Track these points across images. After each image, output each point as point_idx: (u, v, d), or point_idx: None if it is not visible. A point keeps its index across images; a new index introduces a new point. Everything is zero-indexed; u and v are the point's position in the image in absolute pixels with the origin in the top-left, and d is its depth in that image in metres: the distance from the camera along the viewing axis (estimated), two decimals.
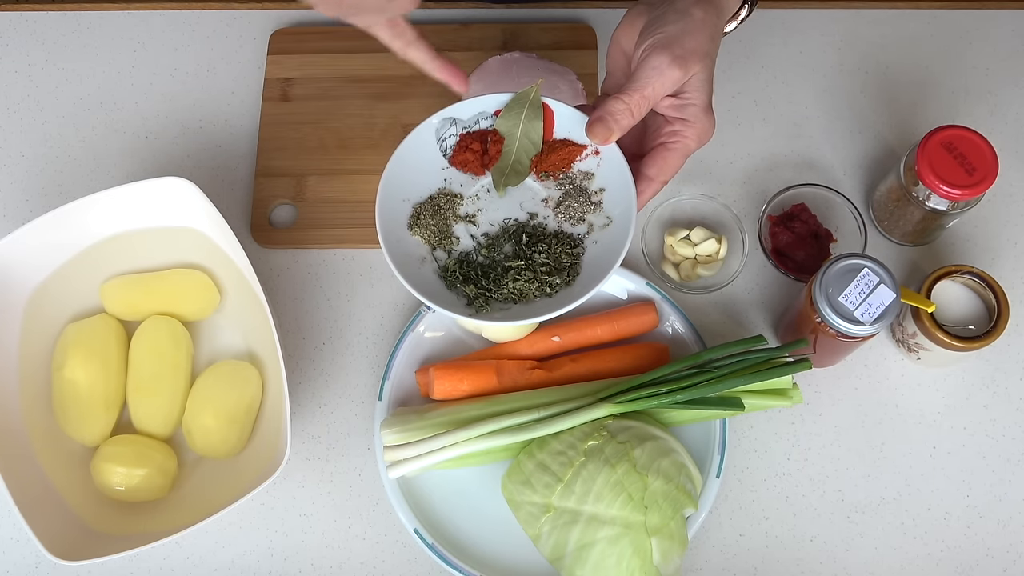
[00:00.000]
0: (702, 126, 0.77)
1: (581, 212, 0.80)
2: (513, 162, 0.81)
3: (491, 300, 0.78)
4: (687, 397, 0.83)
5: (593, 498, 0.79)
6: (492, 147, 0.81)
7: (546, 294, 0.78)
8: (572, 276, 0.78)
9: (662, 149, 0.77)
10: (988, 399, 0.92)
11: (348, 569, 0.88)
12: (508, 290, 0.78)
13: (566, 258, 0.78)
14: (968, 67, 1.03)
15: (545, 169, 0.81)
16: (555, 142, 0.81)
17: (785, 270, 0.94)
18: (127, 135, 1.02)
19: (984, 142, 0.85)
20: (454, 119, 0.81)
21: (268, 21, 1.06)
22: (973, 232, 0.97)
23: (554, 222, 0.80)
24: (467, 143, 0.81)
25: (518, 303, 0.78)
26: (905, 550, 0.88)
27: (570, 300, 0.75)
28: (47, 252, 0.89)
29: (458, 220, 0.81)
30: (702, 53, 0.74)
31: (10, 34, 1.06)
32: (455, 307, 0.77)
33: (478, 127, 0.82)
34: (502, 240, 0.80)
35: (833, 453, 0.90)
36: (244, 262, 0.86)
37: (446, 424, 0.84)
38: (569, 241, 0.79)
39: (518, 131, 0.81)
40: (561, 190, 0.81)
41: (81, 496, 0.86)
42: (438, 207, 0.81)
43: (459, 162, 0.81)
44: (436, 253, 0.80)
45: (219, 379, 0.89)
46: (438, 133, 0.81)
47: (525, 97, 0.80)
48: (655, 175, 0.77)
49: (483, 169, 0.81)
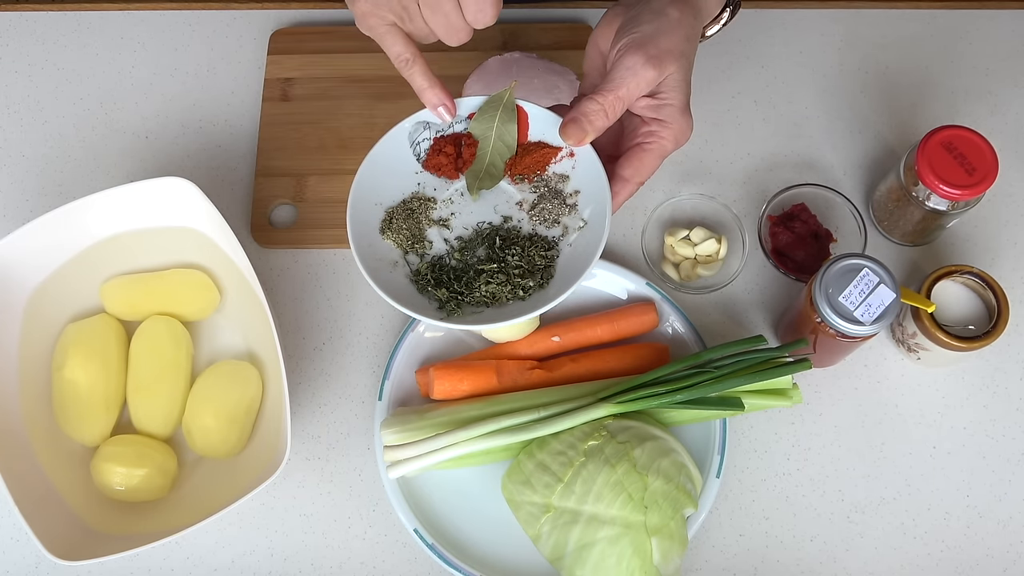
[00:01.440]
0: (679, 127, 0.76)
1: (556, 215, 0.79)
2: (487, 165, 0.80)
3: (463, 304, 0.77)
4: (687, 397, 0.83)
5: (593, 498, 0.79)
6: (466, 150, 0.80)
7: (519, 297, 0.77)
8: (546, 279, 0.78)
9: (638, 150, 0.77)
10: (988, 399, 0.92)
11: (348, 569, 0.88)
12: (480, 293, 0.77)
13: (540, 260, 0.78)
14: (968, 67, 1.03)
15: (520, 172, 0.80)
16: (530, 145, 0.81)
17: (785, 270, 0.94)
18: (127, 135, 1.02)
19: (984, 142, 0.85)
20: (427, 123, 0.81)
21: (268, 21, 1.06)
22: (973, 232, 0.97)
23: (528, 225, 0.80)
24: (441, 146, 0.81)
25: (491, 306, 0.77)
26: (905, 550, 0.88)
27: (544, 303, 0.75)
28: (47, 252, 0.89)
29: (431, 224, 0.80)
30: (677, 53, 0.73)
31: (10, 34, 1.06)
32: (426, 311, 0.76)
33: (452, 130, 0.81)
34: (475, 244, 0.80)
35: (833, 453, 0.90)
36: (244, 262, 0.86)
37: (446, 424, 0.84)
38: (543, 244, 0.79)
39: (492, 134, 0.80)
40: (536, 193, 0.80)
41: (81, 496, 0.86)
42: (411, 211, 0.80)
43: (432, 166, 0.81)
44: (408, 257, 0.79)
45: (219, 379, 0.89)
46: (411, 137, 0.81)
47: (499, 100, 0.79)
48: (630, 176, 0.77)
49: (457, 173, 0.81)
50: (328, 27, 1.04)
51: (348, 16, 1.06)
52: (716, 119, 1.01)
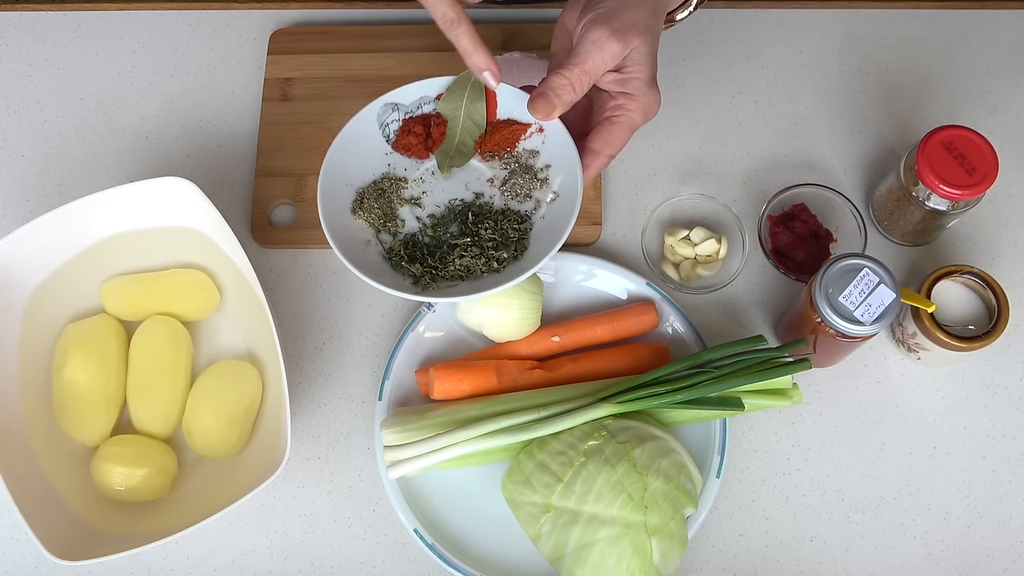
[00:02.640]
0: (647, 100, 0.77)
1: (527, 189, 0.81)
2: (457, 144, 0.82)
3: (437, 278, 0.79)
4: (687, 397, 0.83)
5: (593, 498, 0.79)
6: (435, 130, 0.82)
7: (494, 269, 0.79)
8: (520, 251, 0.79)
9: (607, 123, 0.78)
10: (988, 399, 0.92)
11: (348, 569, 0.88)
12: (455, 267, 0.79)
13: (513, 233, 0.79)
14: (968, 67, 1.03)
15: (490, 149, 0.82)
16: (499, 122, 0.82)
17: (785, 270, 0.93)
18: (127, 135, 1.02)
19: (984, 142, 0.85)
20: (396, 104, 0.83)
21: (268, 21, 1.06)
22: (973, 232, 0.97)
23: (500, 200, 0.81)
24: (410, 127, 0.83)
25: (465, 279, 0.79)
26: (905, 550, 0.88)
27: (518, 273, 0.76)
28: (47, 252, 0.89)
29: (403, 203, 0.82)
30: (642, 27, 0.74)
31: (10, 34, 1.06)
32: (401, 287, 0.78)
33: (420, 112, 0.83)
34: (448, 220, 0.81)
35: (833, 453, 0.90)
36: (244, 262, 0.86)
37: (446, 424, 0.84)
38: (516, 217, 0.80)
39: (461, 113, 0.82)
40: (507, 169, 0.82)
41: (81, 496, 0.86)
42: (382, 191, 0.82)
43: (402, 146, 0.83)
44: (381, 236, 0.81)
45: (219, 379, 0.89)
46: (380, 119, 0.83)
47: (467, 79, 0.81)
48: (600, 148, 0.78)
49: (427, 152, 0.83)
50: (328, 27, 1.04)
51: (348, 16, 1.06)
52: (716, 119, 1.01)
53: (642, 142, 1.00)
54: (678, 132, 1.01)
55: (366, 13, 1.06)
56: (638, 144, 1.00)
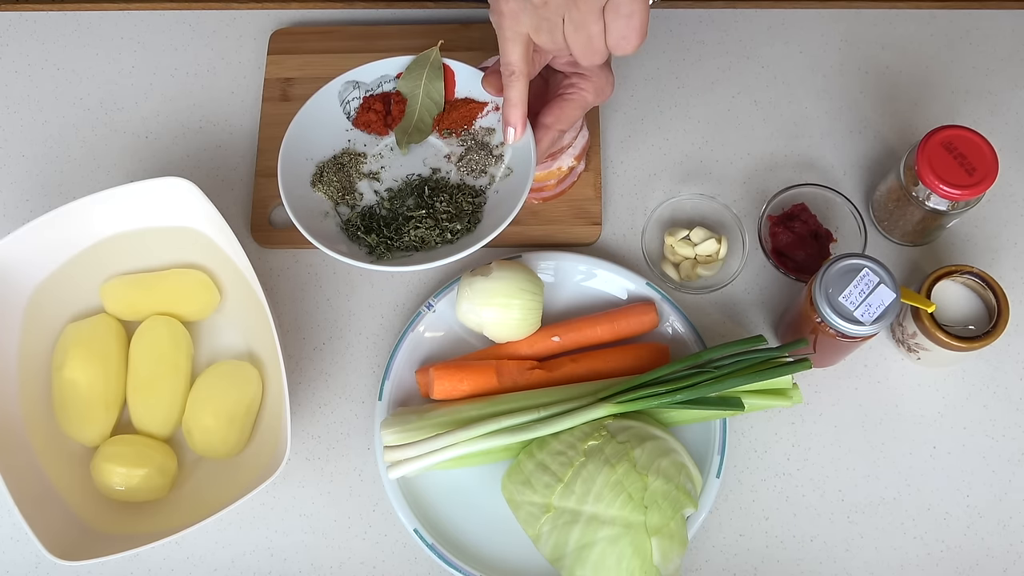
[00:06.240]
0: (600, 81, 0.81)
1: (483, 165, 0.84)
2: (416, 121, 0.85)
3: (392, 248, 0.82)
4: (687, 397, 0.83)
5: (593, 498, 0.79)
6: (395, 107, 0.86)
7: (448, 240, 0.82)
8: (473, 223, 0.82)
9: (559, 99, 0.82)
10: (988, 399, 0.92)
11: (348, 569, 0.88)
12: (410, 238, 0.82)
13: (467, 206, 0.83)
14: (968, 67, 1.03)
15: (447, 127, 0.86)
16: (457, 101, 0.86)
17: (785, 270, 0.94)
18: (127, 135, 1.02)
19: (984, 142, 0.85)
20: (357, 82, 0.86)
21: (268, 21, 1.06)
22: (973, 232, 0.97)
23: (456, 176, 0.85)
24: (370, 104, 0.86)
25: (420, 250, 0.82)
26: (905, 550, 0.88)
27: (471, 244, 0.79)
28: (47, 252, 0.89)
29: (361, 177, 0.85)
30: None
31: (10, 34, 1.06)
32: (357, 256, 0.81)
33: (381, 90, 0.86)
34: (405, 194, 0.85)
35: (833, 453, 0.90)
36: (244, 262, 0.86)
37: (446, 424, 0.84)
38: (471, 191, 0.84)
39: (420, 91, 0.85)
40: (463, 146, 0.86)
41: (81, 496, 0.86)
42: (341, 165, 0.85)
43: (362, 123, 0.86)
44: (339, 208, 0.85)
45: (219, 379, 0.89)
46: (341, 96, 0.86)
47: (426, 59, 0.85)
48: (551, 123, 0.82)
49: (386, 129, 0.86)
50: (328, 27, 1.04)
51: (348, 16, 1.06)
52: (716, 119, 1.01)
53: (642, 142, 1.00)
54: (678, 132, 1.01)
55: (366, 13, 1.06)
56: (638, 144, 1.00)
